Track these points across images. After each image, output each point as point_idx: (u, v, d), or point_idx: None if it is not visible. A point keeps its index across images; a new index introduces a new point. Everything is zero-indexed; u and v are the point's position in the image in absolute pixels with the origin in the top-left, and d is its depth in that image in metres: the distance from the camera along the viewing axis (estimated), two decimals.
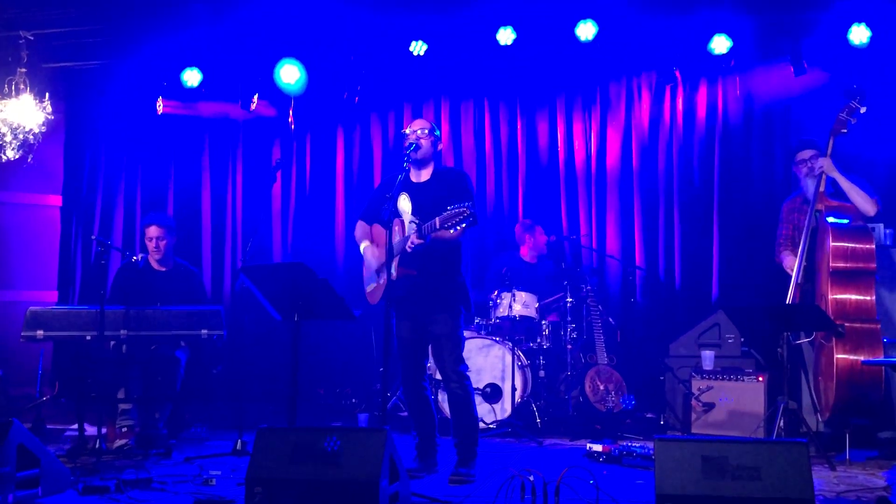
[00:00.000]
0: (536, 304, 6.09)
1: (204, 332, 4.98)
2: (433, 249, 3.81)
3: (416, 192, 3.99)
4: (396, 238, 3.87)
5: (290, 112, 7.08)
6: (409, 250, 3.79)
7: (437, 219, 3.53)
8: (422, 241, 3.71)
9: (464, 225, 3.45)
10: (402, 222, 3.90)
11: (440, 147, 4.12)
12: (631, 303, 6.63)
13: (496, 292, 6.10)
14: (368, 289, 4.14)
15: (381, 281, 3.96)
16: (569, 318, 6.06)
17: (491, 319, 6.09)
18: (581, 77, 6.82)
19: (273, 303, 3.80)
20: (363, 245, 4.13)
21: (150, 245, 5.68)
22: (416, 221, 3.72)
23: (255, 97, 6.95)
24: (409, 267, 3.93)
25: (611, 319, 6.36)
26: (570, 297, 6.09)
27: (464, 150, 7.05)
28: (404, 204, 3.99)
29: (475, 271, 6.37)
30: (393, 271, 3.82)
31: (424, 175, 4.07)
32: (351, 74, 6.72)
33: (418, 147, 3.99)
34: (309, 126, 7.31)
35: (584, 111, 6.92)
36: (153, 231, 5.69)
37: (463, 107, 7.13)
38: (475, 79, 6.90)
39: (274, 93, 6.90)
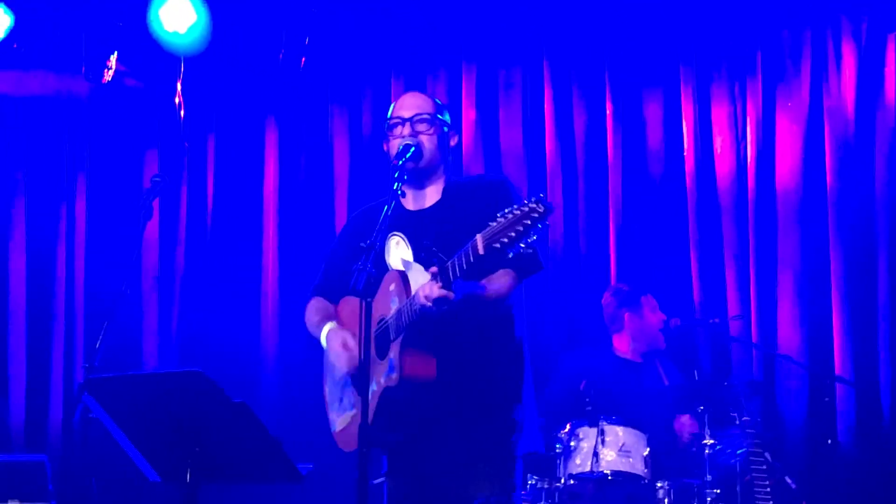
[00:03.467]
0: (646, 451, 5.54)
1: None
2: (469, 320, 3.63)
3: (418, 226, 3.87)
4: (392, 307, 3.68)
5: (178, 89, 6.72)
6: (423, 315, 3.52)
7: (478, 236, 3.30)
8: (448, 292, 3.41)
9: (534, 237, 3.20)
10: (399, 274, 3.71)
11: (454, 142, 3.99)
12: (828, 447, 6.11)
13: (568, 426, 5.67)
14: (338, 423, 3.97)
15: (369, 400, 3.67)
16: (708, 478, 5.56)
17: (559, 481, 5.64)
18: (727, 28, 6.59)
19: (144, 449, 3.57)
20: (325, 329, 3.96)
21: None
22: (435, 253, 3.49)
23: (113, 59, 6.67)
24: (421, 357, 3.62)
25: (789, 480, 5.73)
26: (711, 437, 5.61)
27: (503, 152, 6.80)
28: (398, 253, 3.87)
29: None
30: (391, 372, 3.66)
31: (431, 195, 3.96)
32: (294, 16, 6.67)
33: (419, 151, 3.81)
34: (213, 115, 7.08)
35: (733, 86, 6.59)
36: None
37: (502, 77, 6.86)
38: (523, 28, 6.80)
39: (148, 53, 6.72)
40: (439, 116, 3.95)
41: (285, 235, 6.88)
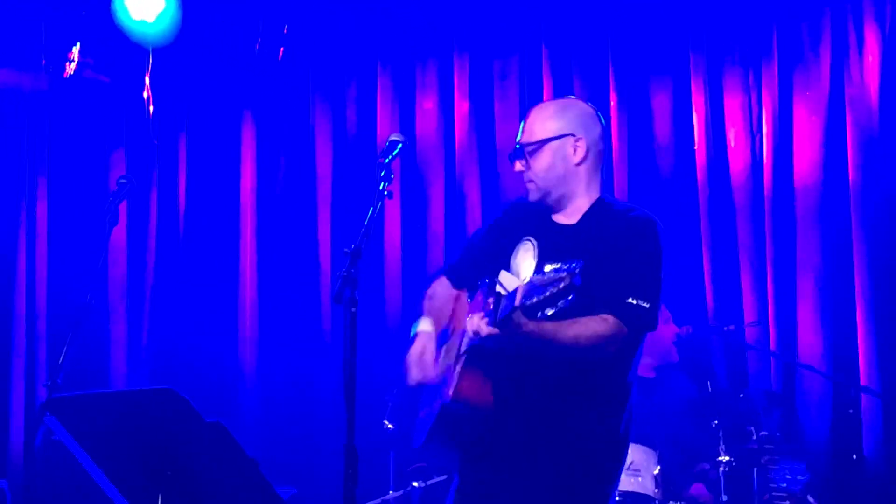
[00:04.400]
0: (656, 469, 5.51)
1: None
2: (546, 360, 3.57)
3: (549, 240, 3.78)
4: (463, 323, 3.77)
5: (147, 83, 6.78)
6: (473, 341, 3.61)
7: (520, 286, 3.29)
8: (492, 329, 3.39)
9: (571, 296, 3.19)
10: (489, 294, 3.55)
11: (580, 154, 3.71)
12: (853, 463, 6.09)
13: None
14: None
15: (436, 406, 3.69)
16: (723, 498, 5.56)
17: None
18: (740, 11, 6.60)
19: (112, 474, 3.51)
20: (419, 325, 3.89)
21: None
22: (490, 285, 3.49)
23: (75, 50, 6.71)
24: (478, 378, 3.62)
25: (811, 499, 5.71)
26: (726, 454, 5.56)
27: (499, 149, 6.77)
28: (522, 257, 3.79)
29: None
30: (450, 385, 3.63)
31: (573, 212, 3.79)
32: (271, 2, 6.78)
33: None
34: (185, 111, 7.11)
35: (747, 74, 6.61)
36: None
37: (497, 67, 6.90)
38: (520, 14, 6.87)
39: (113, 44, 6.73)
40: (548, 140, 3.74)
41: (264, 240, 6.86)
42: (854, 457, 6.03)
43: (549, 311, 3.37)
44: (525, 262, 3.82)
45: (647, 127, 6.67)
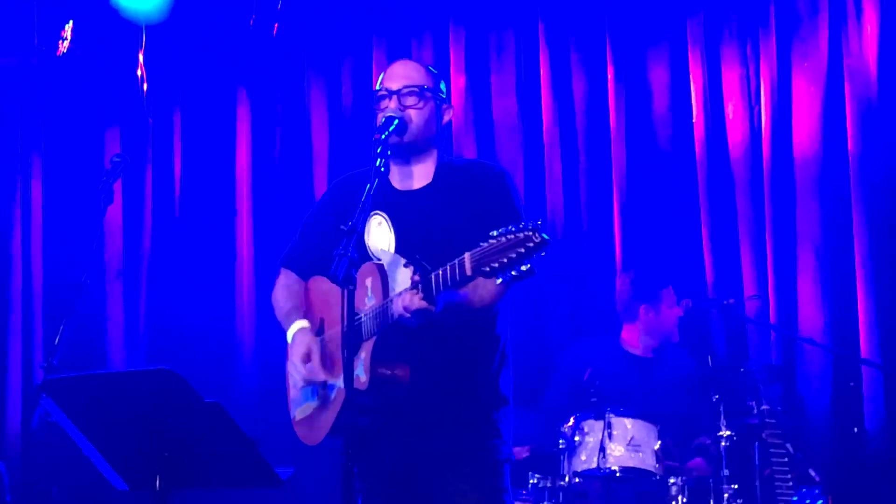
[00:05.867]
0: (657, 444, 5.57)
1: None
2: (449, 326, 3.65)
3: (403, 208, 3.89)
4: (368, 303, 3.72)
5: (140, 60, 6.79)
6: (399, 323, 3.58)
7: (466, 255, 3.33)
8: (429, 305, 3.45)
9: (527, 266, 3.23)
10: (378, 268, 3.72)
11: (448, 116, 3.97)
12: (855, 436, 6.08)
13: (571, 420, 5.69)
14: (297, 414, 4.00)
15: (332, 396, 3.79)
16: (725, 472, 5.60)
17: (563, 479, 5.67)
18: None
19: (109, 455, 3.56)
20: (294, 327, 3.94)
21: None
22: (419, 262, 3.52)
23: (68, 28, 6.73)
24: (395, 362, 3.67)
25: (812, 473, 5.76)
26: (727, 428, 5.63)
27: (496, 123, 6.80)
28: (380, 235, 3.88)
29: (525, 375, 5.12)
30: (360, 372, 3.64)
31: (419, 175, 3.93)
32: None
33: (403, 124, 3.80)
34: (179, 88, 7.09)
35: (745, 45, 6.58)
36: None
37: (493, 40, 6.86)
38: None
39: (106, 21, 6.73)
40: (430, 88, 3.91)
41: (260, 218, 6.85)
42: (855, 430, 6.03)
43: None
44: (383, 233, 3.91)
45: (644, 100, 6.66)
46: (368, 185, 3.63)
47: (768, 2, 6.45)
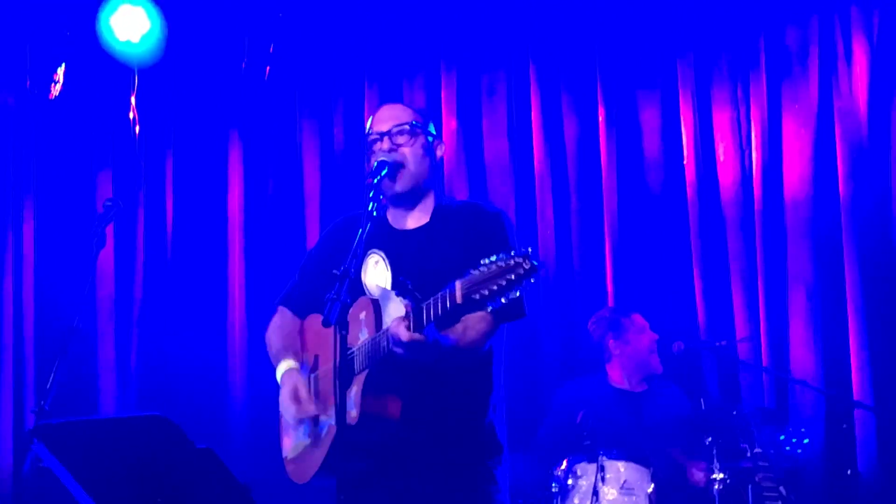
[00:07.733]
0: (650, 487, 5.55)
1: None
2: (441, 368, 3.63)
3: (400, 247, 3.88)
4: (361, 337, 3.69)
5: (133, 103, 6.81)
6: (391, 355, 3.53)
7: (457, 283, 3.32)
8: (420, 337, 3.41)
9: (518, 293, 3.23)
10: (371, 303, 3.74)
11: (441, 152, 3.97)
12: (848, 479, 6.04)
13: (564, 463, 5.70)
14: (290, 453, 3.95)
15: (323, 434, 3.73)
16: None
17: None
18: (727, 21, 6.61)
19: (101, 502, 3.44)
20: (283, 367, 3.93)
21: None
22: (410, 291, 3.48)
23: (60, 71, 6.78)
24: (385, 397, 3.63)
25: None
26: (721, 471, 5.61)
27: (487, 165, 6.85)
28: (377, 273, 3.87)
29: (517, 416, 5.10)
30: (351, 406, 3.58)
31: (417, 215, 3.94)
32: (257, 21, 6.74)
33: (395, 167, 3.80)
34: (171, 131, 7.11)
35: (735, 87, 6.63)
36: None
37: (485, 83, 6.90)
38: (507, 29, 6.82)
39: (99, 65, 6.77)
40: (420, 124, 3.92)
41: (253, 261, 6.84)
42: (848, 472, 6.00)
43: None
44: (380, 272, 3.90)
45: (635, 142, 6.68)
46: (360, 230, 3.63)
47: (758, 44, 6.51)
